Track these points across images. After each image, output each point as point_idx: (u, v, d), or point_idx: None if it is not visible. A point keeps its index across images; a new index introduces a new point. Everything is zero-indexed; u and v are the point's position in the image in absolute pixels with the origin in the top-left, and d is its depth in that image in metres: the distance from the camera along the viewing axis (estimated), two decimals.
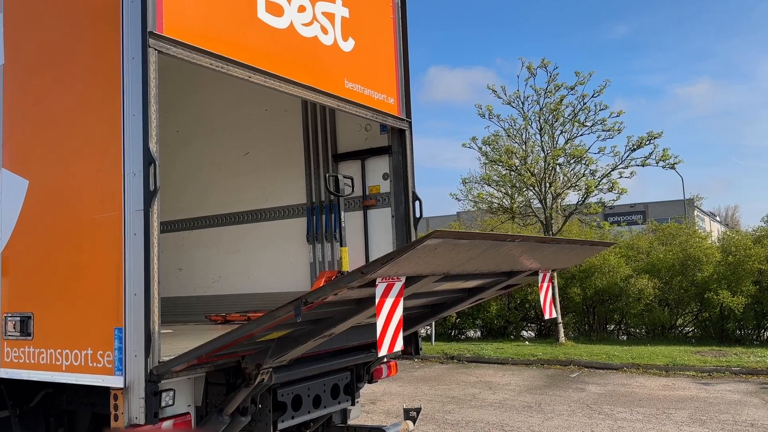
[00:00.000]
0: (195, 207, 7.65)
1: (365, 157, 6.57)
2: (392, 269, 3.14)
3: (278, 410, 4.58)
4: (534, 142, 17.32)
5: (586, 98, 16.40)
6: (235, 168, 7.42)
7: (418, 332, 6.15)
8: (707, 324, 16.35)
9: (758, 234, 17.30)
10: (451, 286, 4.28)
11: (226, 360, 4.07)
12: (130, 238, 3.77)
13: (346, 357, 5.13)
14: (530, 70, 16.61)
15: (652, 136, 16.04)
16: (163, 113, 7.60)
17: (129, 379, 3.73)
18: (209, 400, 4.39)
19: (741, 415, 8.56)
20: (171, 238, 7.65)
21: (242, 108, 7.34)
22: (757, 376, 11.37)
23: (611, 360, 12.99)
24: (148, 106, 3.78)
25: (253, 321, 3.47)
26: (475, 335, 18.77)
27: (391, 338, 3.34)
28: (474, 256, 3.53)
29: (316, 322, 3.87)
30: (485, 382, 11.55)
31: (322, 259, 6.79)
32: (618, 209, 42.96)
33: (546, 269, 4.73)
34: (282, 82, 4.65)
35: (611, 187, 16.32)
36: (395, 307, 3.34)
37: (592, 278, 16.99)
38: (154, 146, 3.74)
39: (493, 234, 3.46)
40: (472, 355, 14.55)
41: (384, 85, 5.88)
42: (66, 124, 4.27)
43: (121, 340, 3.78)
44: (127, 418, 3.72)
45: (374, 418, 8.75)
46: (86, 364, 3.95)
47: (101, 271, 3.93)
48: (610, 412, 8.91)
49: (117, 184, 3.86)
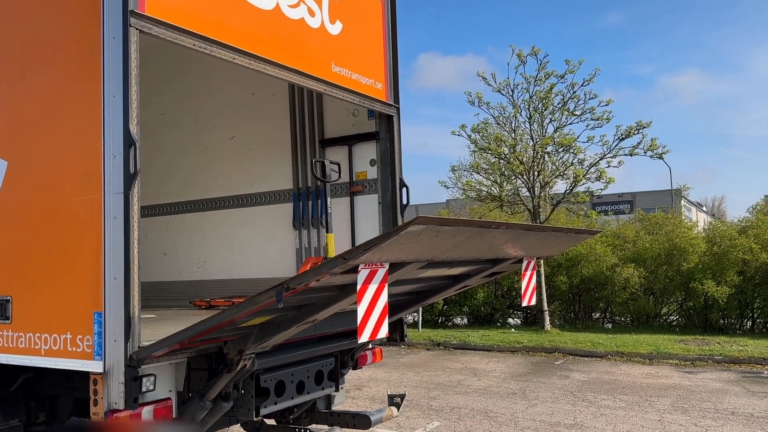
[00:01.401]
0: (180, 191, 7.57)
1: (352, 142, 6.52)
2: (375, 255, 3.11)
3: (261, 396, 4.56)
4: (523, 130, 17.32)
5: (576, 87, 16.40)
6: (221, 152, 7.34)
7: (404, 319, 6.14)
8: (691, 313, 16.51)
9: (743, 224, 17.43)
10: (436, 273, 4.26)
11: (208, 345, 4.04)
12: (109, 221, 3.72)
13: (330, 343, 5.11)
14: (520, 57, 16.56)
15: (641, 125, 16.07)
16: (148, 96, 7.51)
17: (108, 364, 3.69)
18: (191, 385, 4.36)
19: (722, 403, 8.65)
20: (155, 223, 7.58)
21: (228, 92, 7.26)
22: (739, 365, 11.50)
23: (596, 348, 13.08)
24: (128, 87, 3.70)
25: (234, 306, 3.43)
26: (462, 322, 18.84)
27: (374, 325, 3.31)
28: (458, 243, 3.51)
29: (299, 308, 3.84)
30: (471, 369, 11.60)
31: (308, 245, 6.75)
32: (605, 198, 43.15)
33: (531, 257, 4.72)
34: (267, 64, 4.58)
35: (599, 176, 16.36)
36: (379, 293, 3.31)
37: (579, 267, 17.07)
38: (134, 128, 3.68)
39: (477, 221, 3.44)
40: (458, 342, 14.60)
41: (372, 69, 5.82)
42: (45, 106, 4.18)
43: (100, 325, 3.73)
44: (107, 403, 3.69)
45: (359, 404, 8.77)
46: (65, 348, 3.90)
47: (80, 255, 3.88)
48: (593, 399, 8.98)
49: (97, 167, 3.79)
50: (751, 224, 16.86)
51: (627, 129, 16.17)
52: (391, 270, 3.41)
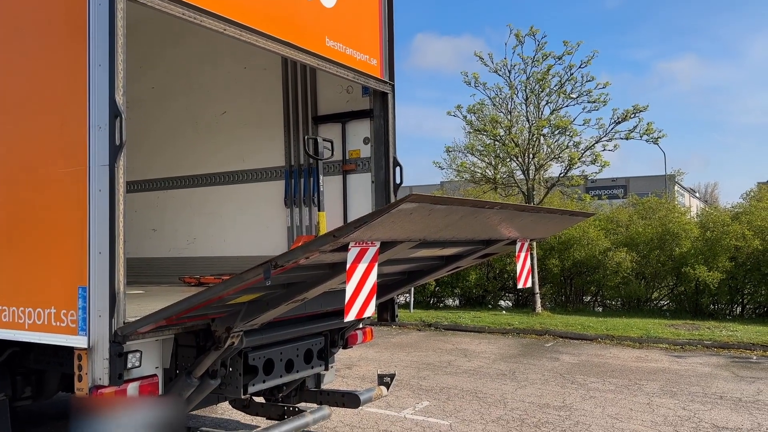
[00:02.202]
0: (170, 166, 7.46)
1: (346, 120, 6.42)
2: (366, 233, 3.04)
3: (249, 374, 4.52)
4: (519, 112, 17.22)
5: (574, 69, 16.26)
6: (212, 127, 7.23)
7: (395, 299, 6.10)
8: (682, 298, 16.58)
9: (736, 211, 17.46)
10: (428, 253, 4.20)
11: (195, 323, 3.98)
12: (94, 194, 3.63)
13: (320, 322, 5.06)
14: (518, 37, 16.39)
15: (638, 109, 15.99)
16: (138, 69, 7.37)
17: (93, 340, 3.62)
18: (178, 362, 4.31)
19: (711, 387, 8.70)
20: (145, 198, 7.49)
21: (220, 66, 7.12)
22: (728, 350, 11.56)
23: (586, 331, 13.13)
24: (115, 56, 3.59)
25: (221, 283, 3.36)
26: (454, 304, 18.88)
27: (361, 304, 3.26)
28: (451, 222, 3.44)
29: (288, 287, 3.78)
30: (461, 350, 11.62)
31: (299, 224, 6.67)
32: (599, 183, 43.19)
33: (524, 239, 4.67)
34: (259, 36, 4.47)
35: (594, 160, 16.31)
36: (368, 272, 3.25)
37: (571, 250, 17.09)
38: (120, 98, 3.57)
39: (471, 200, 3.36)
40: (449, 323, 14.63)
41: (367, 45, 5.71)
42: (28, 75, 4.06)
43: (85, 300, 3.66)
44: (91, 378, 3.63)
45: (349, 383, 8.77)
46: (49, 323, 3.83)
47: (65, 229, 3.79)
48: (582, 381, 9.01)
49: (81, 138, 3.69)
50: (745, 210, 16.89)
51: (624, 112, 16.10)
52: (382, 249, 3.34)
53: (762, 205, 16.50)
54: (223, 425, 6.70)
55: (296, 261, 3.14)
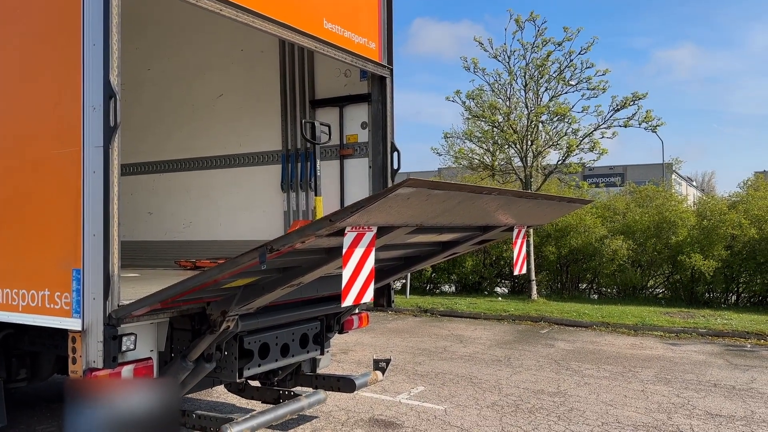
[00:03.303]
0: (166, 149, 7.42)
1: (344, 104, 6.37)
2: (362, 218, 3.01)
3: (245, 358, 4.51)
4: (518, 98, 17.12)
5: (573, 55, 16.16)
6: (209, 110, 7.17)
7: (391, 285, 6.09)
8: (678, 286, 16.62)
9: (734, 199, 17.46)
10: (425, 238, 4.18)
11: (190, 306, 3.97)
12: (89, 176, 3.60)
13: (316, 307, 5.05)
14: (518, 23, 16.25)
15: (637, 96, 15.91)
16: (135, 50, 7.29)
17: (87, 322, 3.61)
18: (173, 345, 4.30)
19: (705, 375, 8.74)
20: (141, 181, 7.44)
21: (217, 48, 7.05)
22: (722, 338, 11.61)
23: (581, 318, 13.16)
24: (109, 36, 3.54)
25: (216, 266, 3.34)
26: (450, 290, 18.91)
27: (359, 289, 3.24)
28: (449, 208, 3.42)
29: (284, 271, 3.76)
30: (457, 336, 11.65)
31: (296, 208, 6.65)
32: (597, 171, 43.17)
33: (521, 225, 4.65)
34: (255, 17, 4.41)
35: (592, 147, 16.25)
36: (365, 257, 3.23)
37: (568, 237, 17.09)
38: (115, 79, 3.53)
39: (469, 185, 3.34)
40: (445, 309, 14.65)
41: (365, 27, 5.64)
42: (22, 55, 4.01)
43: (79, 282, 3.64)
44: (85, 361, 3.62)
45: (345, 368, 8.78)
46: (43, 305, 3.81)
47: (59, 211, 3.76)
48: (577, 368, 9.04)
49: (76, 119, 3.65)
50: (742, 199, 16.89)
51: (623, 100, 16.02)
52: (379, 234, 3.32)
53: (759, 194, 16.50)
54: (218, 409, 6.71)
55: (292, 245, 3.11)
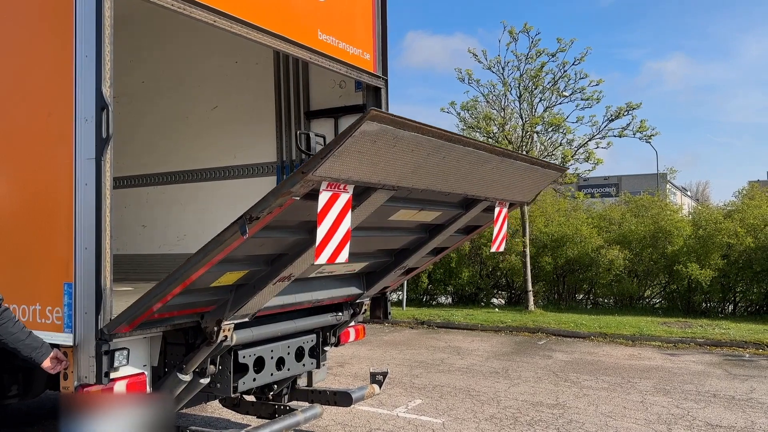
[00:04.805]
0: (160, 162, 7.36)
1: (339, 115, 6.34)
2: (334, 166, 2.97)
3: (239, 372, 4.45)
4: (513, 109, 17.16)
5: (567, 66, 16.22)
6: (203, 122, 7.14)
7: (388, 297, 6.04)
8: (675, 296, 16.60)
9: (729, 208, 17.48)
10: (406, 216, 4.14)
11: (183, 316, 3.90)
12: (81, 188, 3.55)
13: (312, 319, 5.00)
14: (512, 34, 16.32)
15: (631, 106, 15.97)
16: (129, 62, 7.26)
17: (79, 337, 3.55)
18: (167, 360, 4.23)
19: (704, 385, 8.69)
20: (135, 194, 7.39)
21: (211, 60, 7.03)
22: (720, 348, 11.57)
23: (579, 329, 13.11)
24: (102, 47, 3.51)
25: (199, 251, 3.29)
26: (446, 301, 18.83)
27: (333, 249, 3.22)
28: (420, 162, 3.40)
29: (272, 264, 3.72)
30: (454, 348, 11.58)
31: None
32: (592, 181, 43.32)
33: (502, 202, 4.69)
34: (250, 28, 4.39)
35: (587, 157, 16.28)
36: (341, 218, 3.20)
37: (564, 248, 17.07)
38: (107, 90, 3.49)
39: (436, 128, 3.29)
40: (442, 320, 14.58)
41: (360, 39, 5.63)
42: (14, 67, 3.97)
43: (70, 296, 3.59)
44: (77, 377, 3.56)
45: (342, 381, 8.70)
46: (34, 320, 3.75)
47: (50, 224, 3.71)
48: (575, 379, 8.98)
49: (68, 131, 3.61)
50: (737, 208, 16.91)
51: (617, 110, 16.08)
52: (356, 199, 3.31)
53: (754, 203, 16.52)
54: (212, 424, 6.62)
55: (271, 211, 3.07)
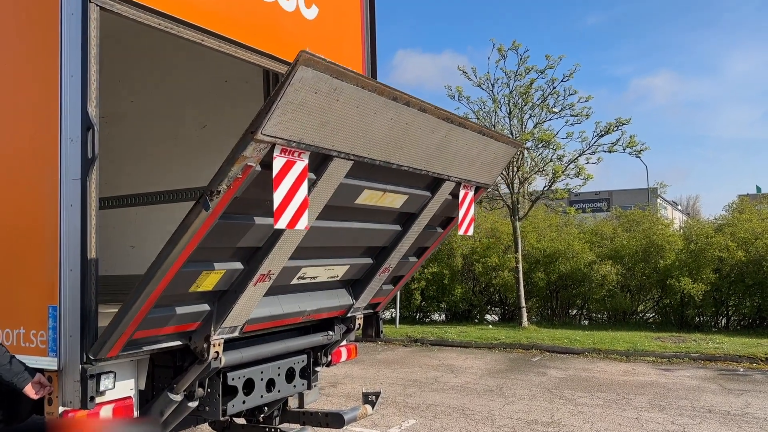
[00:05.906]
0: (149, 181, 7.30)
1: None
2: (282, 123, 3.02)
3: (228, 394, 4.37)
4: (503, 125, 17.24)
5: (556, 82, 16.35)
6: (192, 141, 7.09)
7: (380, 315, 5.98)
8: (668, 310, 16.59)
9: (719, 223, 17.55)
10: (373, 198, 4.13)
11: (170, 336, 3.80)
12: (66, 209, 3.50)
13: (302, 339, 4.93)
14: (501, 51, 16.47)
15: (620, 122, 16.08)
16: (117, 83, 7.23)
17: (63, 361, 3.47)
18: (155, 383, 4.15)
19: (699, 401, 8.64)
20: (123, 214, 7.31)
21: (200, 79, 7.01)
22: (715, 363, 11.54)
23: (573, 345, 13.06)
24: (87, 67, 3.48)
25: (168, 242, 3.25)
26: (440, 318, 18.75)
27: (292, 215, 3.26)
28: (369, 123, 3.45)
29: (249, 262, 3.70)
30: (448, 366, 11.49)
31: None
32: (583, 196, 43.46)
33: (466, 185, 4.76)
34: (238, 47, 4.37)
35: (578, 173, 16.34)
36: (297, 185, 3.25)
37: (556, 263, 17.07)
38: (93, 110, 3.46)
39: (377, 82, 3.37)
40: (435, 338, 14.50)
41: (349, 57, 5.63)
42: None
43: (55, 319, 3.51)
44: (62, 402, 3.48)
45: (334, 402, 8.60)
46: (18, 344, 3.68)
47: (35, 245, 3.65)
48: (570, 396, 8.91)
49: (53, 151, 3.56)
50: (728, 222, 16.98)
51: (606, 125, 16.18)
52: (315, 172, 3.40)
53: (744, 217, 16.60)
54: None
55: (230, 183, 3.18)
